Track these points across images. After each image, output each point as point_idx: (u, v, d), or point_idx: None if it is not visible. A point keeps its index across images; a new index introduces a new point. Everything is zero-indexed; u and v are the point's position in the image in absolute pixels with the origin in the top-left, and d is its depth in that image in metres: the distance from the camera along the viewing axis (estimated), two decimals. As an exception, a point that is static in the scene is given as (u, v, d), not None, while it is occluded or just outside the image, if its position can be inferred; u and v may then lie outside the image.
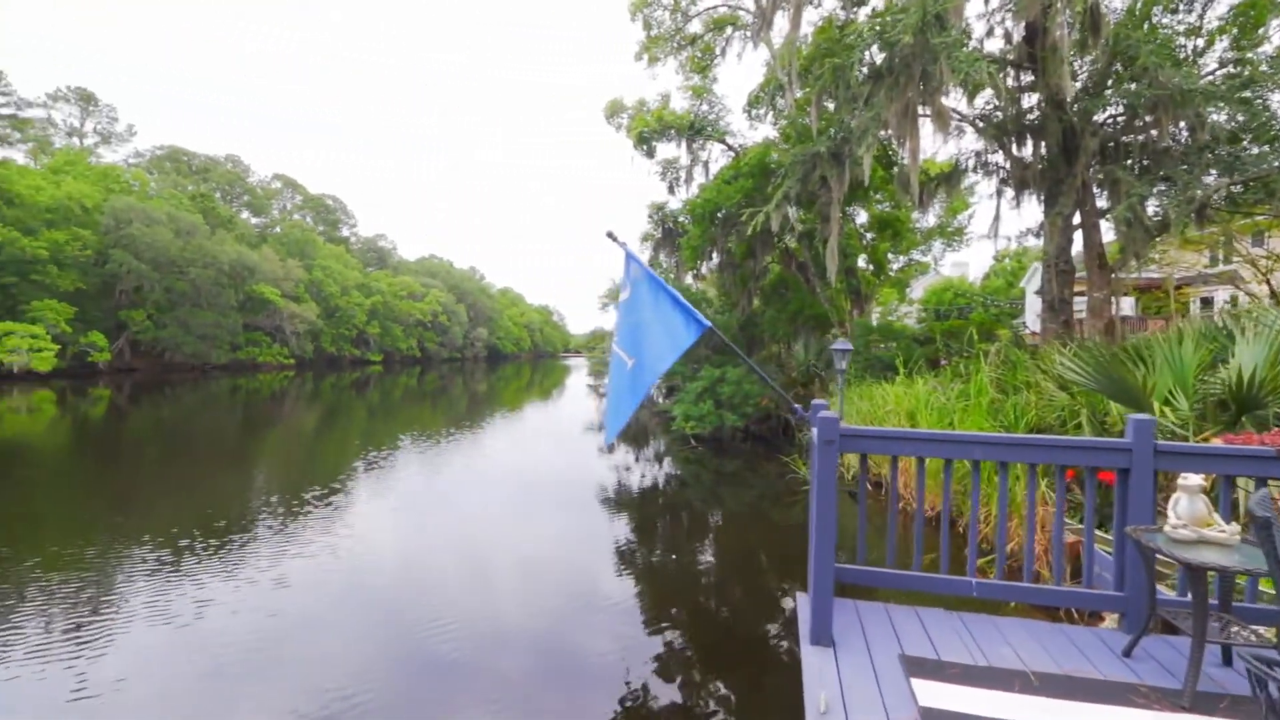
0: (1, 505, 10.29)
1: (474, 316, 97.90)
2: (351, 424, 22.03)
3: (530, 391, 38.50)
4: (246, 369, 54.78)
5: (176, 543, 7.93)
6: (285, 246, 64.78)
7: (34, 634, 5.47)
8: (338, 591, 6.56)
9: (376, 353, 74.79)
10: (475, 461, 14.06)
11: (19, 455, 14.92)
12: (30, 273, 40.72)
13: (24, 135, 57.79)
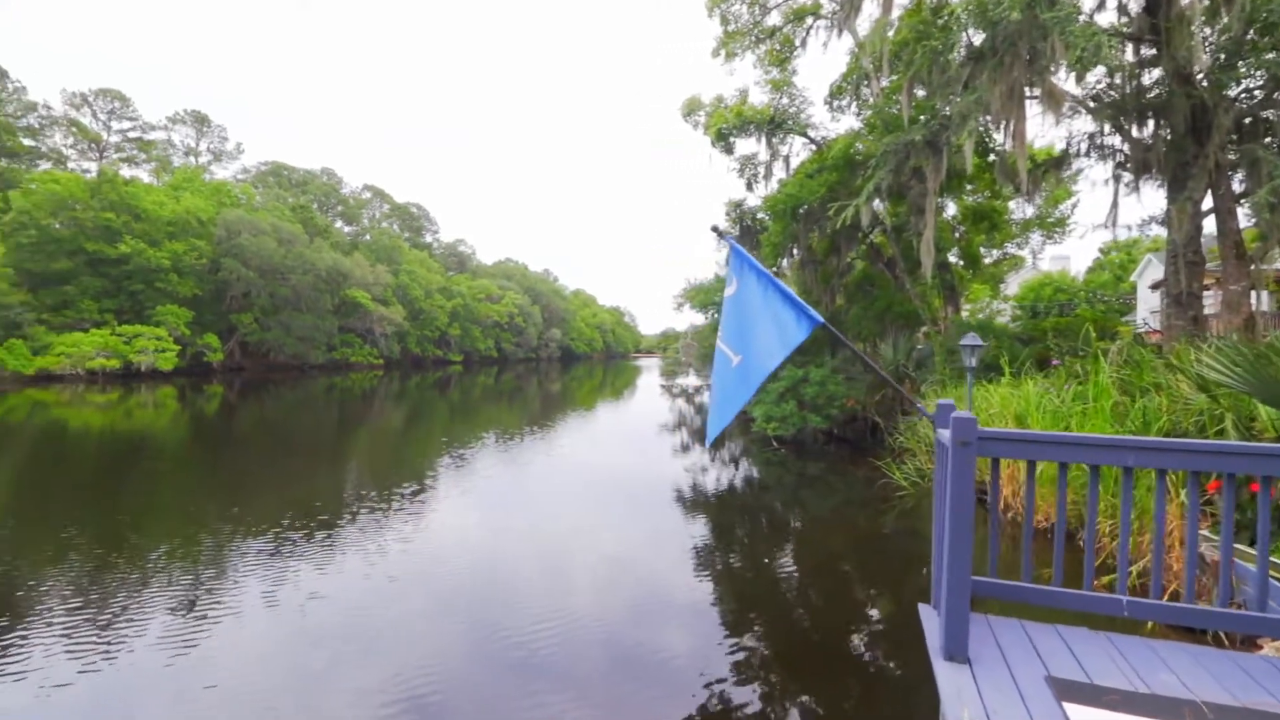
0: (130, 494, 11.28)
1: (548, 318, 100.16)
2: (434, 421, 22.89)
3: (603, 391, 38.88)
4: (340, 368, 58.26)
5: (281, 531, 8.39)
6: (374, 253, 68.47)
7: (160, 612, 5.89)
8: (423, 580, 6.77)
9: (457, 353, 77.81)
10: (551, 460, 14.24)
11: (146, 447, 16.38)
12: (155, 280, 44.89)
13: (148, 156, 63.89)
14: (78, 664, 4.88)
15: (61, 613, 5.82)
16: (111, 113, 61.30)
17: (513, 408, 27.98)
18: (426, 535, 8.32)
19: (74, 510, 9.66)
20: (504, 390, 38.78)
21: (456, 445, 16.07)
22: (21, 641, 5.25)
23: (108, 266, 43.51)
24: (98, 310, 42.37)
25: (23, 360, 35.93)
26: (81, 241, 42.45)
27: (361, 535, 8.25)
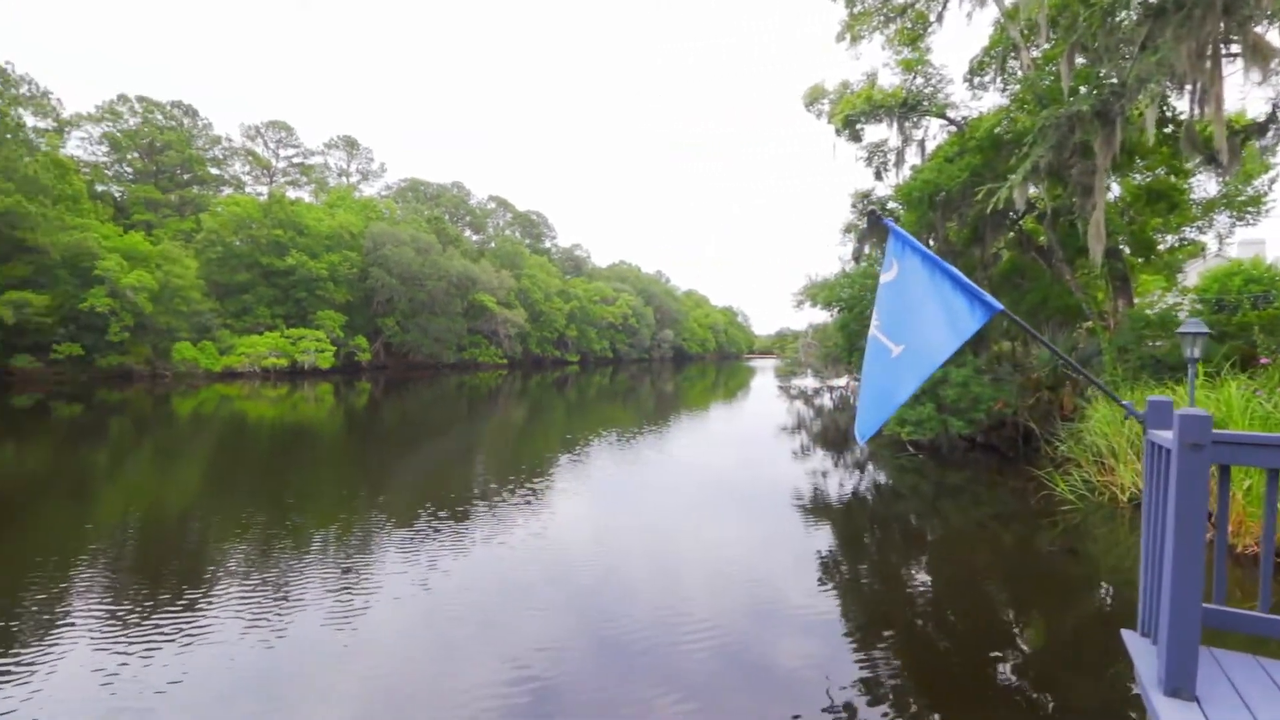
0: (295, 479, 12.55)
1: (660, 318, 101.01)
2: (554, 419, 23.66)
3: (716, 392, 38.44)
4: (469, 368, 62.23)
5: (419, 518, 8.92)
6: (499, 259, 72.47)
7: (318, 587, 6.41)
8: (541, 570, 6.94)
9: (574, 353, 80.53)
10: (665, 459, 14.16)
11: (308, 437, 18.26)
12: (315, 289, 50.31)
13: (309, 178, 71.80)
14: (252, 632, 5.39)
15: (238, 584, 6.49)
16: (279, 141, 69.63)
17: (627, 407, 28.35)
18: (546, 528, 8.51)
19: (250, 492, 10.89)
20: (618, 390, 39.47)
21: (574, 442, 16.45)
22: (208, 607, 5.90)
23: (277, 277, 49.38)
24: (270, 316, 48.19)
25: (212, 359, 41.58)
26: (257, 256, 48.49)
27: (488, 525, 8.59)
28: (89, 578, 6.60)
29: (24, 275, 33.86)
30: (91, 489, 11.15)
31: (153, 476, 12.59)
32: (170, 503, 10.35)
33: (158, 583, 6.46)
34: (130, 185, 52.92)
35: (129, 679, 4.59)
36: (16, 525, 8.80)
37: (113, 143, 53.16)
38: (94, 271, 34.78)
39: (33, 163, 34.67)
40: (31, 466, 13.10)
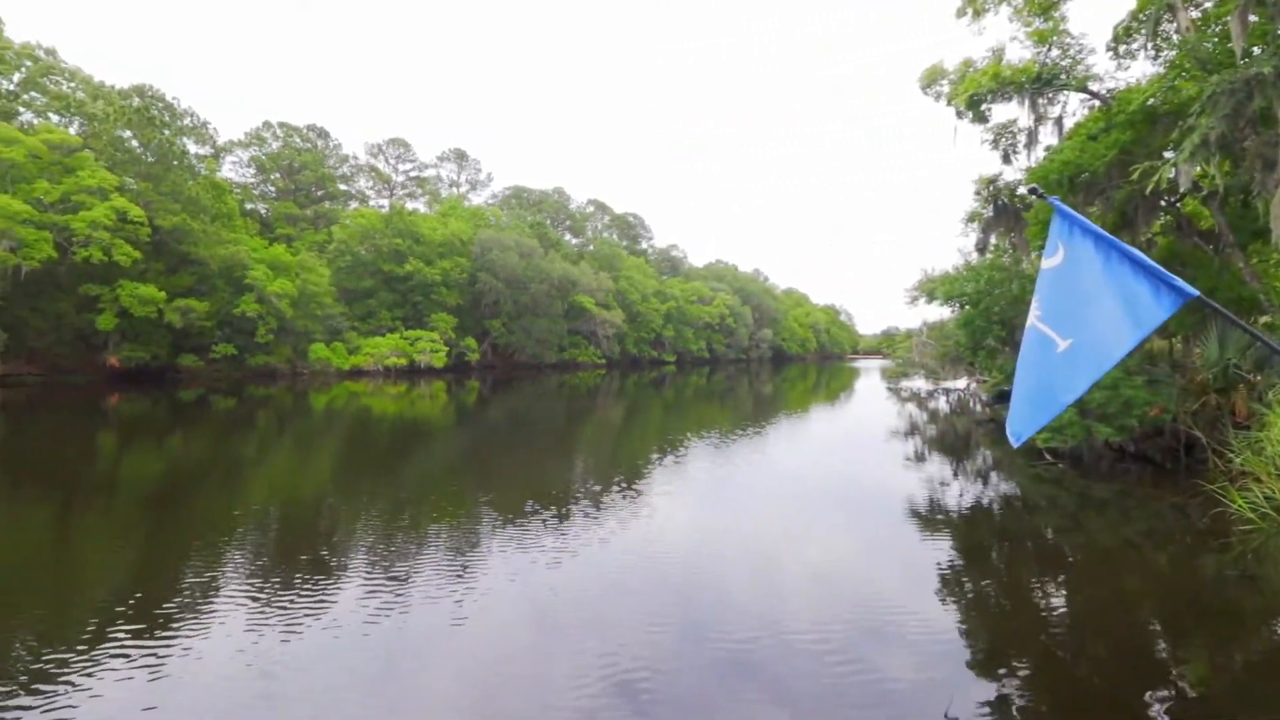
0: (411, 470, 13.31)
1: (758, 318, 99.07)
2: (651, 418, 23.71)
3: (818, 393, 37.06)
4: (570, 367, 64.01)
5: (522, 513, 9.13)
6: (597, 261, 74.00)
7: (425, 572, 6.68)
8: (639, 569, 6.87)
9: (671, 353, 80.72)
10: (766, 462, 13.70)
11: (422, 431, 19.40)
12: (430, 293, 53.66)
13: (423, 190, 76.71)
14: (372, 612, 5.69)
15: (362, 567, 6.90)
16: (398, 157, 74.97)
17: (724, 408, 27.93)
18: (645, 527, 8.45)
19: (373, 482, 11.66)
20: (715, 390, 39.04)
21: (672, 442, 16.35)
22: (335, 587, 6.30)
23: (397, 283, 53.15)
24: (390, 318, 51.94)
25: (342, 359, 45.40)
26: (379, 263, 52.43)
27: (588, 523, 8.64)
28: (236, 557, 7.27)
29: (188, 284, 38.54)
30: (241, 475, 12.41)
31: (291, 465, 13.83)
32: (305, 489, 11.29)
33: (292, 563, 6.99)
34: (273, 202, 58.95)
35: (264, 651, 4.96)
36: (184, 506, 9.91)
37: (259, 165, 59.46)
38: (245, 280, 38.97)
39: (195, 185, 39.41)
40: (195, 453, 14.79)
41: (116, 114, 37.39)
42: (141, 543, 7.93)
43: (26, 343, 34.16)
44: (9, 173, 31.72)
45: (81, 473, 12.43)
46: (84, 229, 31.59)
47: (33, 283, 32.35)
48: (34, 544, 7.88)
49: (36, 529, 8.55)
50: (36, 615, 5.64)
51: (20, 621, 5.50)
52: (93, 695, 4.29)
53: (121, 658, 4.80)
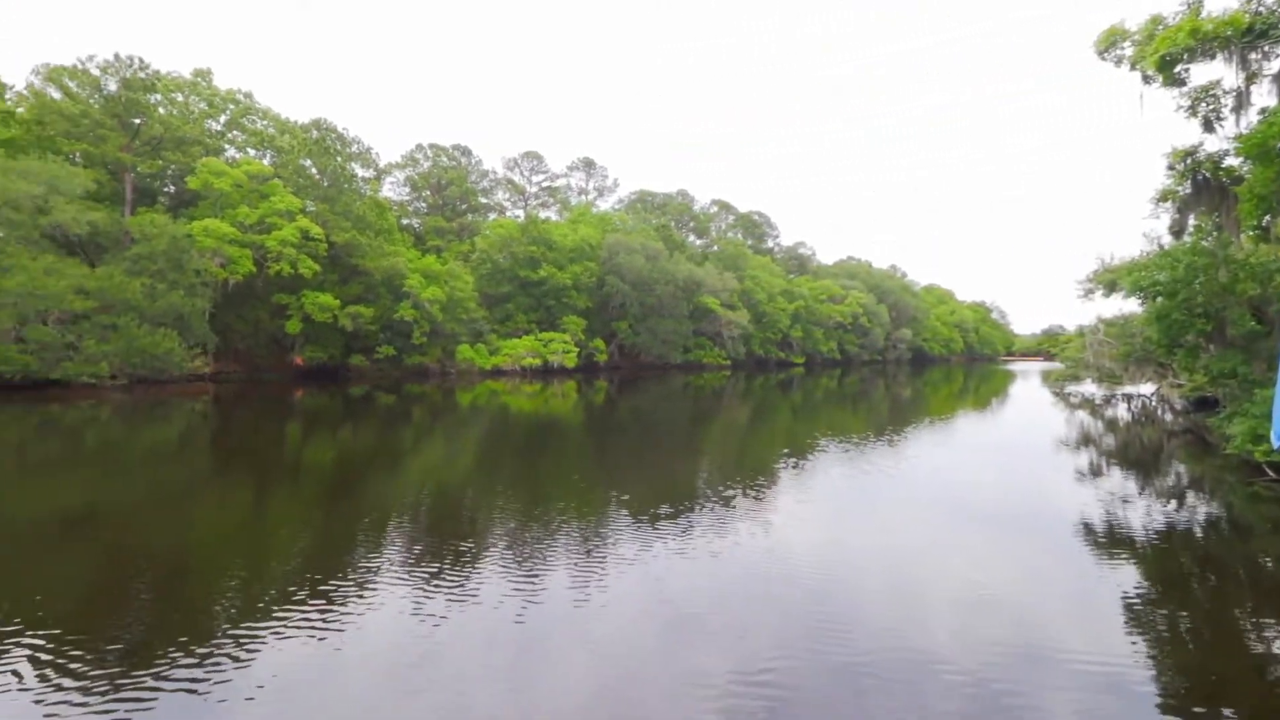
0: (544, 464, 13.88)
1: (896, 317, 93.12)
2: (778, 421, 23.00)
3: (964, 398, 34.03)
4: (694, 368, 64.08)
5: (648, 511, 9.15)
6: (722, 261, 73.41)
7: (557, 562, 6.86)
8: (763, 573, 6.64)
9: (799, 355, 78.15)
10: (904, 470, 12.71)
11: (555, 427, 20.25)
12: (562, 297, 56.15)
13: (554, 199, 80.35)
14: (507, 596, 5.95)
15: (497, 557, 7.26)
16: (531, 169, 79.23)
17: (857, 411, 26.47)
18: (772, 532, 8.16)
19: (509, 475, 12.32)
20: (847, 393, 37.17)
21: (801, 446, 15.72)
22: (476, 571, 6.68)
23: (532, 287, 56.18)
24: (526, 321, 55.02)
25: (484, 359, 48.78)
26: (516, 270, 55.71)
27: (714, 524, 8.49)
28: (394, 539, 7.96)
29: (357, 293, 43.29)
30: (399, 464, 13.66)
31: (441, 457, 15.01)
32: (452, 480, 12.18)
33: (441, 548, 7.52)
34: (424, 217, 64.69)
35: (417, 629, 5.34)
36: (353, 490, 11.08)
37: (412, 184, 65.54)
38: (403, 288, 43.08)
39: (362, 205, 44.23)
40: (362, 444, 16.52)
41: (300, 145, 42.99)
42: (319, 521, 8.94)
43: (232, 344, 40.18)
44: (219, 200, 37.49)
45: (274, 458, 14.35)
46: (276, 246, 36.57)
47: (236, 294, 38.01)
48: (236, 518, 9.16)
49: (238, 506, 9.95)
50: (235, 579, 6.52)
51: (221, 585, 6.38)
52: (277, 653, 4.86)
53: (300, 624, 5.39)
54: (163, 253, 31.90)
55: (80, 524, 8.73)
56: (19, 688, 4.29)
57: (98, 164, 35.35)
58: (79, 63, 34.99)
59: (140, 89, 36.14)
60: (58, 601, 5.84)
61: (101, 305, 28.77)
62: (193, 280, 33.07)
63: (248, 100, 44.55)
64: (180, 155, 39.02)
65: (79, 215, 29.80)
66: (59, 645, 4.90)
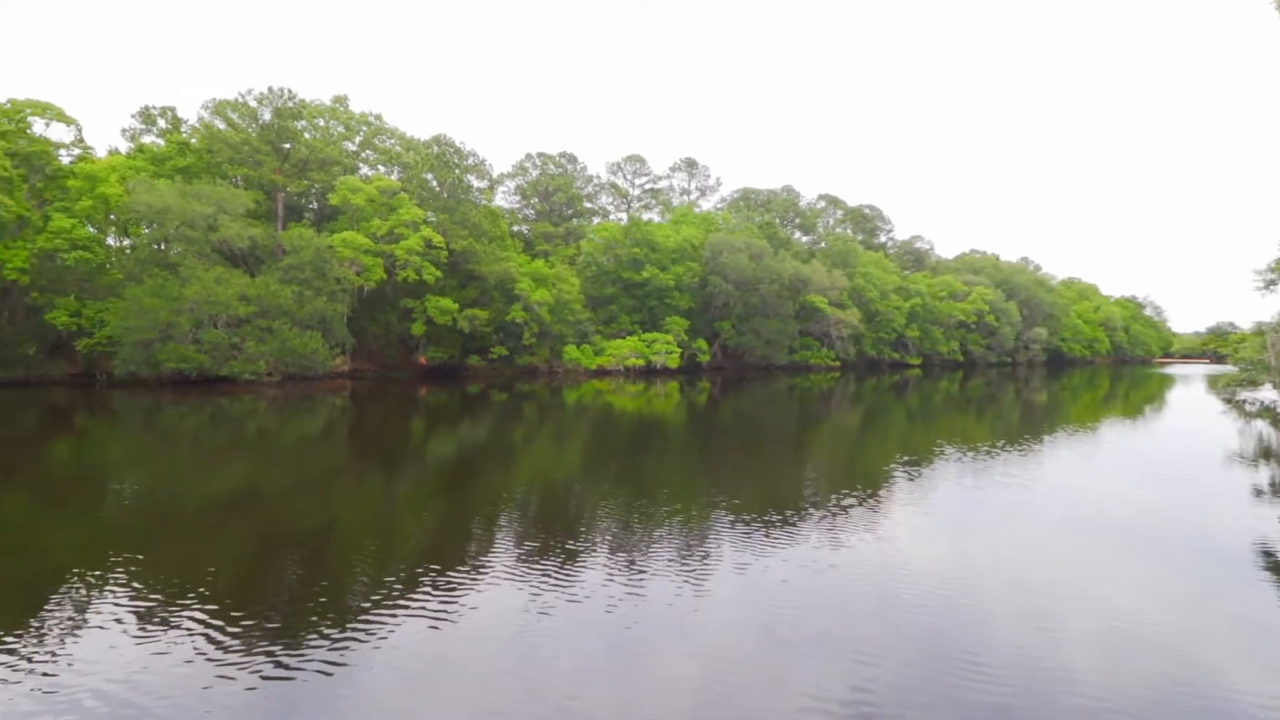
0: (647, 463, 13.96)
1: (1028, 314, 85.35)
2: (890, 426, 21.74)
3: (1111, 405, 30.54)
4: (800, 369, 62.20)
5: (752, 516, 8.92)
6: (830, 258, 70.70)
7: (659, 561, 6.83)
8: (874, 589, 6.27)
9: (915, 356, 73.65)
10: (1037, 483, 11.54)
11: (657, 427, 20.34)
12: (664, 298, 56.49)
13: (657, 200, 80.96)
14: (610, 589, 6.00)
15: (602, 552, 7.36)
16: (634, 172, 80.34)
17: (982, 418, 24.48)
18: (885, 544, 7.69)
19: (613, 472, 12.51)
20: (970, 397, 34.51)
21: (917, 454, 14.75)
22: (580, 562, 6.81)
23: (634, 289, 56.98)
24: (629, 322, 55.90)
25: (589, 359, 50.11)
26: (619, 272, 56.74)
27: (822, 532, 8.13)
28: (506, 529, 8.31)
29: (473, 297, 45.92)
30: (511, 458, 14.30)
31: (549, 452, 15.55)
32: (559, 474, 12.57)
33: (549, 539, 7.75)
34: (533, 223, 67.46)
35: (525, 616, 5.51)
36: (470, 481, 11.73)
37: (522, 192, 68.59)
38: (514, 292, 45.19)
39: (477, 213, 46.87)
40: (478, 438, 17.46)
41: (422, 161, 46.28)
42: (439, 510, 9.53)
43: (366, 345, 43.95)
44: (355, 214, 41.13)
45: (402, 450, 15.51)
46: (403, 255, 39.57)
47: (370, 299, 41.56)
48: (369, 505, 9.96)
49: (370, 493, 10.83)
50: (365, 564, 7.07)
51: (354, 567, 6.94)
52: (398, 636, 5.20)
53: (420, 610, 5.74)
54: (309, 263, 35.46)
55: (241, 504, 9.86)
56: (192, 646, 4.88)
57: (255, 185, 39.94)
58: (239, 96, 39.72)
59: (289, 117, 40.43)
60: (222, 575, 6.60)
61: (260, 310, 32.44)
62: (334, 287, 36.48)
63: (378, 122, 48.55)
64: (323, 175, 43.22)
65: (242, 231, 33.81)
66: (224, 612, 5.53)
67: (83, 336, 30.06)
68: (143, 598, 5.80)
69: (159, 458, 13.87)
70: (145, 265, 32.52)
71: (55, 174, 31.71)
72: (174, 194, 32.03)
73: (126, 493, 10.65)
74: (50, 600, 5.84)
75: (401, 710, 4.11)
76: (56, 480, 11.52)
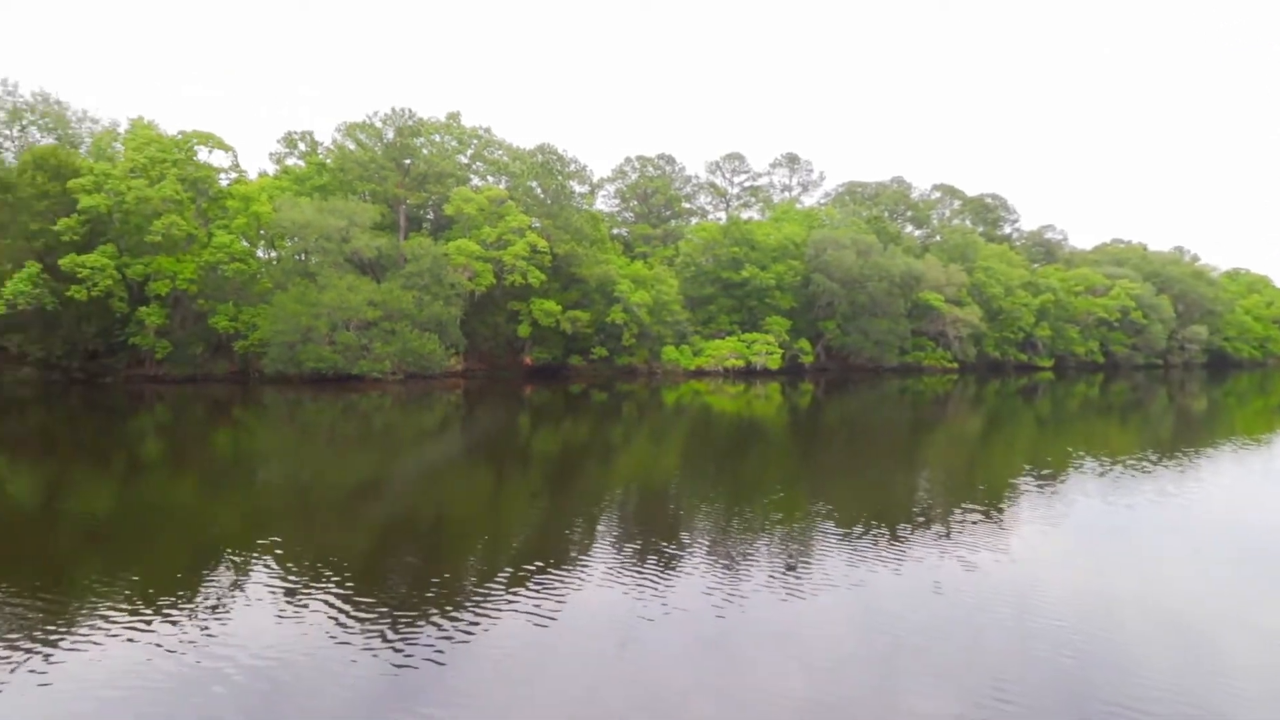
0: (748, 468, 13.65)
1: (1183, 311, 75.57)
2: (1016, 434, 19.95)
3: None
4: (912, 371, 58.71)
5: (859, 526, 8.44)
6: (946, 252, 66.23)
7: (757, 567, 6.60)
8: (1003, 618, 5.66)
9: (1046, 357, 67.31)
10: (1195, 503, 10.07)
11: (757, 430, 19.90)
12: (764, 297, 55.38)
13: (757, 198, 79.43)
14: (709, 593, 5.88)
15: (700, 556, 7.24)
16: (733, 170, 79.30)
17: (1126, 425, 21.93)
18: (1010, 565, 7.04)
19: (712, 474, 12.34)
20: (1113, 403, 31.03)
21: (1046, 464, 13.42)
22: (679, 565, 6.73)
23: (734, 289, 56.27)
24: (728, 322, 55.28)
25: (688, 360, 50.09)
26: (718, 272, 56.26)
27: (936, 549, 7.55)
28: (606, 528, 8.41)
29: (575, 299, 47.27)
30: (611, 456, 14.53)
31: (648, 451, 15.63)
32: (658, 475, 12.58)
33: (647, 540, 7.75)
34: (631, 226, 68.40)
35: (623, 616, 5.52)
36: (572, 478, 12.02)
37: (621, 196, 69.76)
38: (614, 293, 46.05)
39: (579, 218, 48.23)
40: (580, 436, 17.90)
41: (528, 170, 48.29)
42: (543, 506, 9.83)
43: (477, 346, 46.46)
44: (467, 223, 43.60)
45: (509, 445, 16.19)
46: (511, 260, 41.47)
47: (480, 302, 43.91)
48: (479, 498, 10.45)
49: (480, 486, 11.36)
50: (475, 555, 7.39)
51: (465, 558, 7.28)
52: (503, 628, 5.36)
53: (522, 605, 5.91)
54: (427, 270, 38.01)
55: (367, 493, 10.67)
56: (325, 631, 5.29)
57: (381, 199, 43.38)
58: (367, 118, 43.36)
59: (409, 135, 43.61)
60: (350, 560, 7.15)
61: (385, 314, 35.18)
62: (449, 292, 38.87)
63: (487, 134, 51.19)
64: (439, 187, 46.19)
65: (370, 242, 36.84)
66: (352, 596, 5.97)
67: (239, 339, 33.95)
68: (282, 578, 6.38)
69: (300, 448, 15.35)
70: (289, 275, 36.25)
71: (216, 195, 36.05)
72: (313, 210, 35.54)
73: (273, 478, 11.85)
74: (207, 575, 6.57)
75: (506, 704, 4.22)
76: (218, 465, 13.03)
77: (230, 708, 4.08)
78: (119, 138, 36.42)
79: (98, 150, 37.08)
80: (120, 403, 23.23)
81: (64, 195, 28.41)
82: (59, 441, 15.68)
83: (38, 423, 19.06)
